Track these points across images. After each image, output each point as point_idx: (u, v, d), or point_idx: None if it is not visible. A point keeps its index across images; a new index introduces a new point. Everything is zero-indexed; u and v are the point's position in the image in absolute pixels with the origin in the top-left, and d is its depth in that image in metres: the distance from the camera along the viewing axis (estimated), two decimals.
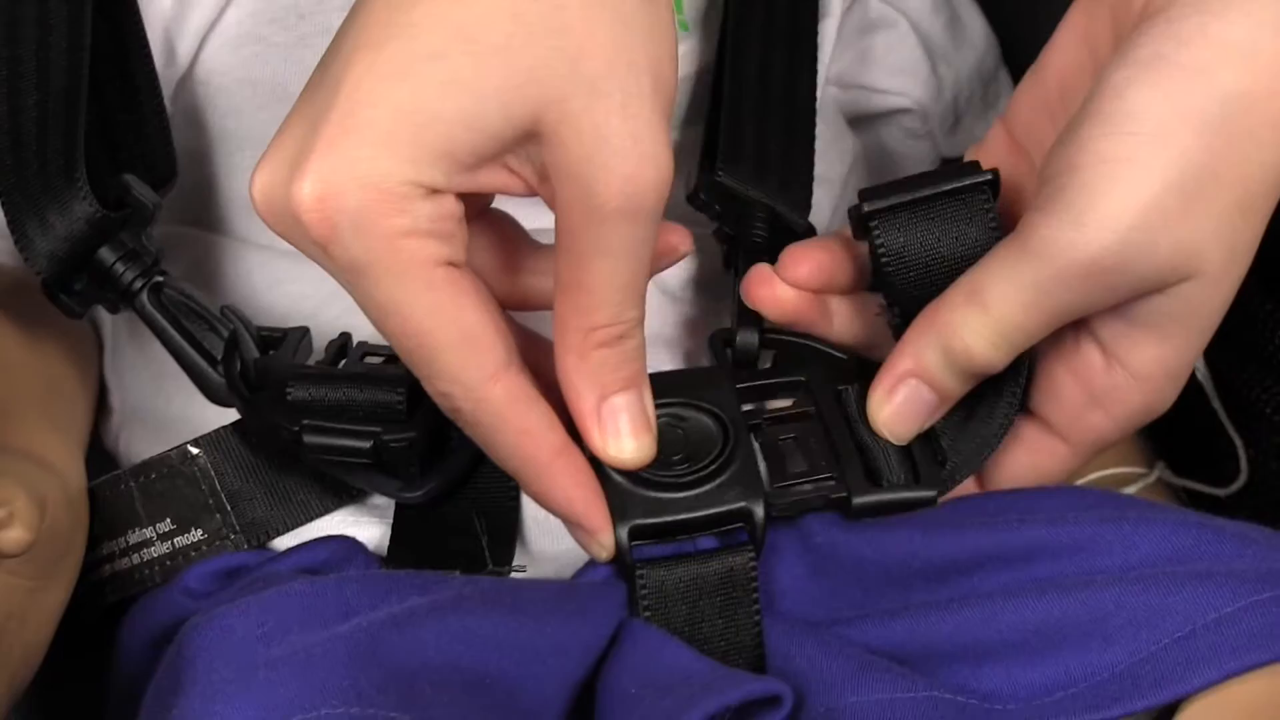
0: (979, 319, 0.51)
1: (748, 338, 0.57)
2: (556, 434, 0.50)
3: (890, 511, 0.53)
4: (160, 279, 0.57)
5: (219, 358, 0.56)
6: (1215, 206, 0.49)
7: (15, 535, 0.51)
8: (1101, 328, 0.53)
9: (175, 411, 0.60)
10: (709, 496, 0.52)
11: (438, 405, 0.50)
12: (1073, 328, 0.53)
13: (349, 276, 0.47)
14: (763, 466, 0.54)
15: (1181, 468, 0.68)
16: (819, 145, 0.61)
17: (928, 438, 0.54)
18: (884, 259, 0.54)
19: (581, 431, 0.51)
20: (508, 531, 0.57)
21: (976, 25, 0.72)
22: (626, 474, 0.52)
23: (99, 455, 0.63)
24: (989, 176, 0.54)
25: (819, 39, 0.63)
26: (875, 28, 0.68)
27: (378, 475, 0.55)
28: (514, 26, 0.46)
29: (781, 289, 0.56)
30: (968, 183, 0.53)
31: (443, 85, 0.46)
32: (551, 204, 0.48)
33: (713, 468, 0.53)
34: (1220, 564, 0.52)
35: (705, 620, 0.52)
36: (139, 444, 0.61)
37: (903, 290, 0.54)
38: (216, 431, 0.57)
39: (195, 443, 0.57)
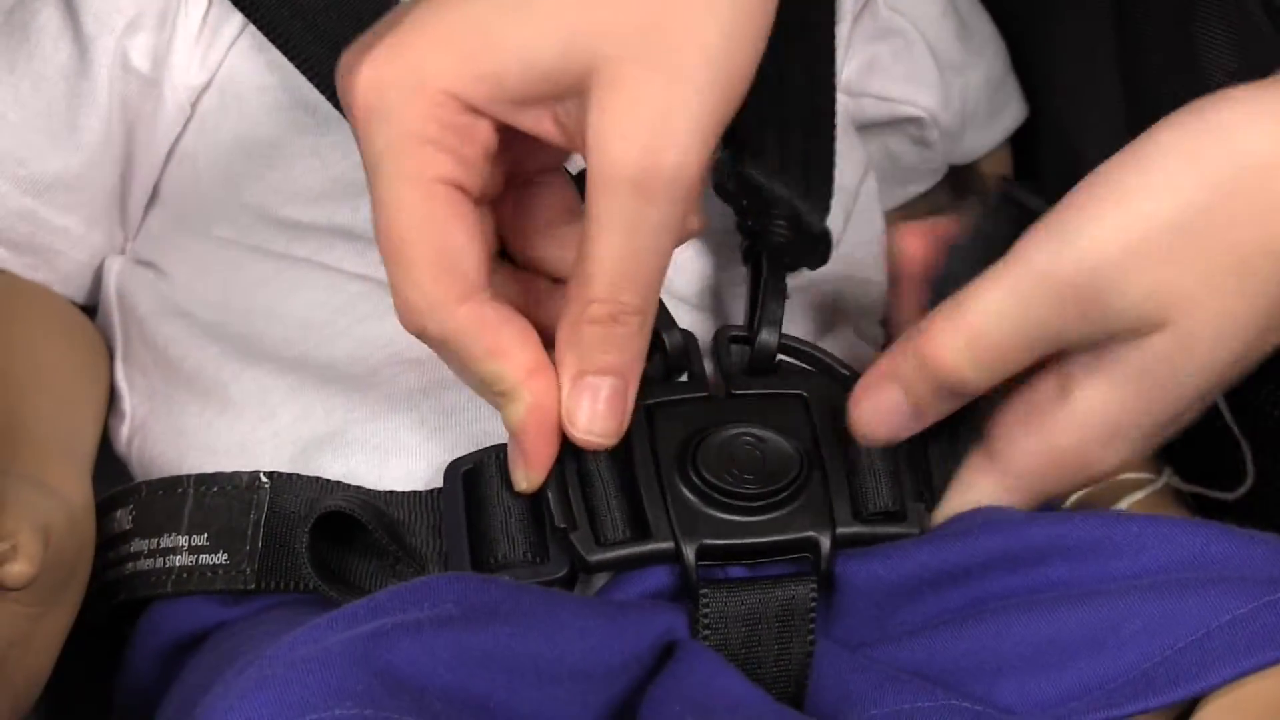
0: (954, 325, 0.51)
1: (768, 338, 0.56)
2: (530, 353, 0.50)
3: (871, 543, 0.53)
4: None
5: None
6: (1205, 264, 0.49)
7: (18, 570, 0.51)
8: (1068, 359, 0.52)
9: (190, 419, 0.60)
10: (778, 523, 0.52)
11: (404, 324, 0.49)
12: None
13: (367, 168, 0.48)
14: (845, 497, 0.53)
15: (1188, 472, 0.68)
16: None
17: (917, 472, 0.54)
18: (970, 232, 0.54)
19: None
20: None
21: (985, 33, 0.72)
22: (698, 491, 0.52)
23: (107, 461, 0.62)
24: None
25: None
26: (884, 35, 0.68)
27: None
28: None
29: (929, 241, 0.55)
30: None
31: (511, 11, 0.47)
32: None
33: (785, 494, 0.53)
34: (1230, 568, 0.52)
35: (761, 644, 0.52)
36: (153, 450, 0.61)
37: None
38: (292, 475, 0.56)
39: (269, 473, 0.56)
